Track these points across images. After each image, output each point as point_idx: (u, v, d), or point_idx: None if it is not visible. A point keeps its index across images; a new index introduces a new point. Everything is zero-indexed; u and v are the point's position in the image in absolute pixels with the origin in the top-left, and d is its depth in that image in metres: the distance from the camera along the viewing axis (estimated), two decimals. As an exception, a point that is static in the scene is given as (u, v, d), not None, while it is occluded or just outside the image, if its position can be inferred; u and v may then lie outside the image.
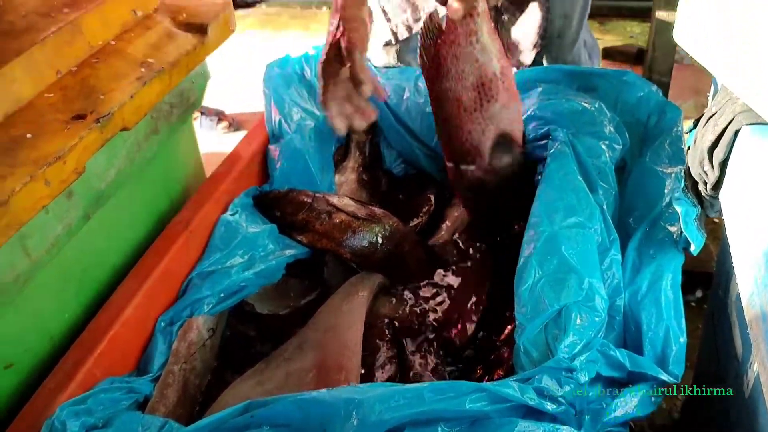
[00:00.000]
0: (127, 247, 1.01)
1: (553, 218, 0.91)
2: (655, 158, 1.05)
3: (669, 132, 1.08)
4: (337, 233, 1.14)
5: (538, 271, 0.85)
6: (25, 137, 0.75)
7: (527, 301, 0.82)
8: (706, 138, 0.79)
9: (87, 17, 0.89)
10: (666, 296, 0.85)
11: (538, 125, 1.13)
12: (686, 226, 0.84)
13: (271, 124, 1.25)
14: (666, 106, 1.13)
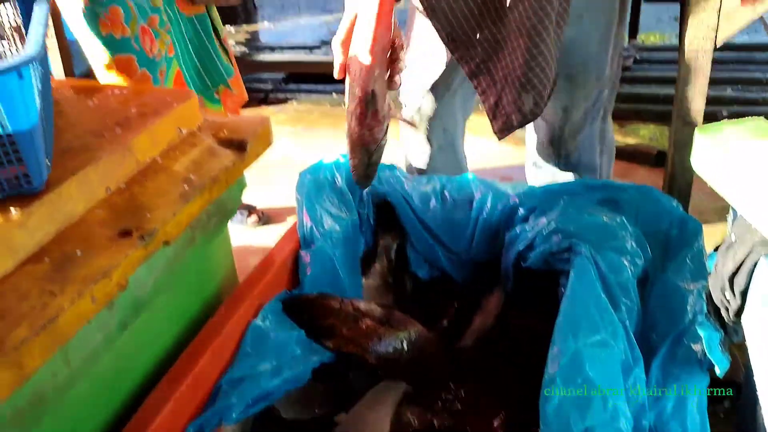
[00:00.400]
0: (160, 353, 1.04)
1: (577, 335, 0.93)
2: (678, 274, 1.07)
3: (690, 246, 1.11)
4: (363, 339, 1.16)
5: (563, 390, 0.86)
6: (76, 254, 0.80)
7: (552, 421, 0.82)
8: (726, 266, 0.81)
9: (137, 137, 0.96)
10: (692, 419, 0.85)
11: (561, 238, 1.16)
12: (710, 351, 0.85)
13: (303, 229, 1.30)
14: (687, 220, 1.15)
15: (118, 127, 0.98)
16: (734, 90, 3.10)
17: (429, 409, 1.14)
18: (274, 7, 5.68)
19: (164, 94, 1.08)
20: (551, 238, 1.17)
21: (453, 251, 1.42)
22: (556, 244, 1.16)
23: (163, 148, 1.01)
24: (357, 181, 1.23)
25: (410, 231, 1.44)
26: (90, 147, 0.93)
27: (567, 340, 0.92)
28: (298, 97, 3.62)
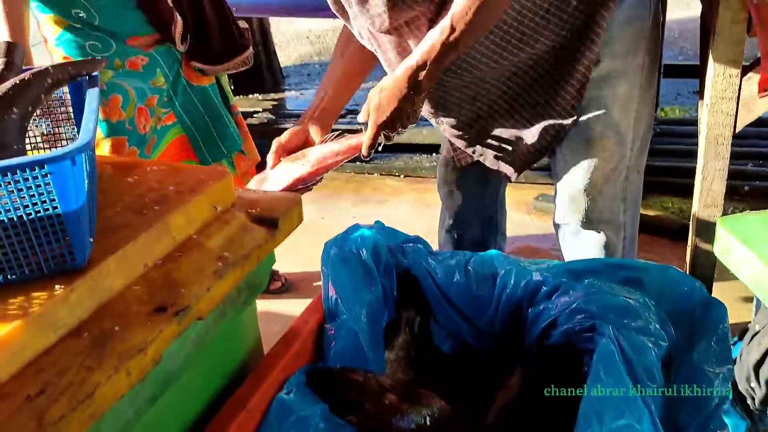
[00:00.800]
0: (187, 426, 1.05)
1: (601, 419, 0.93)
2: (703, 357, 1.06)
3: (715, 329, 1.10)
4: (386, 415, 1.17)
5: None
6: (114, 330, 0.83)
7: None
8: (751, 356, 0.82)
9: (174, 215, 1.00)
10: None
11: (584, 317, 1.17)
12: (736, 440, 0.85)
13: (328, 302, 1.32)
14: (710, 302, 1.15)
15: (156, 205, 1.02)
16: (755, 165, 3.11)
17: (451, 489, 1.13)
18: (300, 76, 5.86)
19: (200, 173, 1.13)
20: (574, 317, 1.18)
21: (476, 326, 1.42)
22: (578, 323, 1.17)
23: (198, 226, 1.05)
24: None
25: (433, 305, 1.45)
26: (130, 224, 0.97)
27: (592, 424, 0.92)
28: (322, 164, 3.70)
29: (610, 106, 1.48)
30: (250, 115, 4.51)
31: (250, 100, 5.11)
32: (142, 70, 1.86)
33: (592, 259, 1.35)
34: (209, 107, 2.05)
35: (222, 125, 2.07)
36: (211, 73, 2.03)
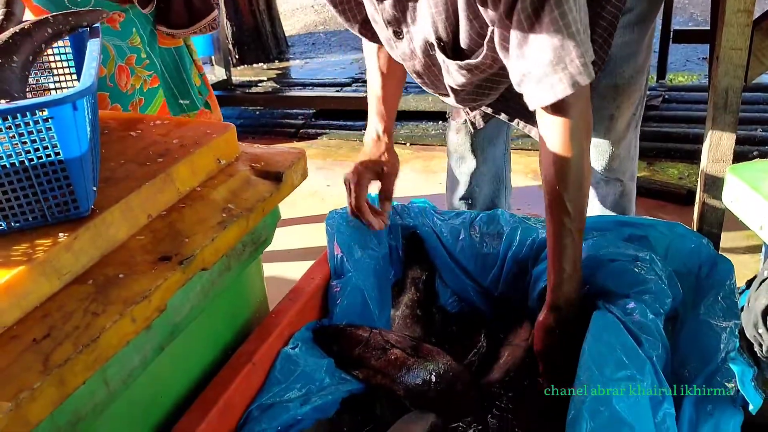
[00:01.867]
0: (193, 377, 1.06)
1: (603, 371, 0.92)
2: (710, 312, 1.05)
3: (722, 285, 1.09)
4: (392, 369, 1.17)
5: (590, 423, 0.85)
6: (118, 277, 0.83)
7: None
8: (759, 302, 0.81)
9: (178, 167, 0.99)
10: None
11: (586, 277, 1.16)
12: (743, 387, 0.84)
13: (333, 260, 1.32)
14: (717, 259, 1.14)
15: (160, 157, 1.02)
16: (765, 130, 3.08)
17: (456, 442, 1.14)
18: (305, 45, 5.81)
19: (204, 127, 1.12)
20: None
21: (481, 285, 1.42)
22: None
23: (202, 178, 1.05)
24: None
25: (439, 264, 1.45)
26: (133, 175, 0.96)
27: (593, 376, 0.91)
28: (328, 132, 3.69)
29: (639, 50, 1.46)
30: (254, 84, 4.49)
31: (255, 69, 5.08)
32: (119, 28, 1.87)
33: (599, 216, 1.34)
34: (175, 70, 2.08)
35: (185, 86, 2.11)
36: (179, 36, 2.05)
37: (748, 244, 2.23)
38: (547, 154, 1.05)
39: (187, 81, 2.12)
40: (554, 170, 1.04)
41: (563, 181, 1.03)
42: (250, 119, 4.09)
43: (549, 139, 1.05)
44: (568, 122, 1.01)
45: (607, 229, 1.28)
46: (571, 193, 1.03)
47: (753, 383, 0.84)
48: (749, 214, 0.83)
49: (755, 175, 0.83)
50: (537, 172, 2.99)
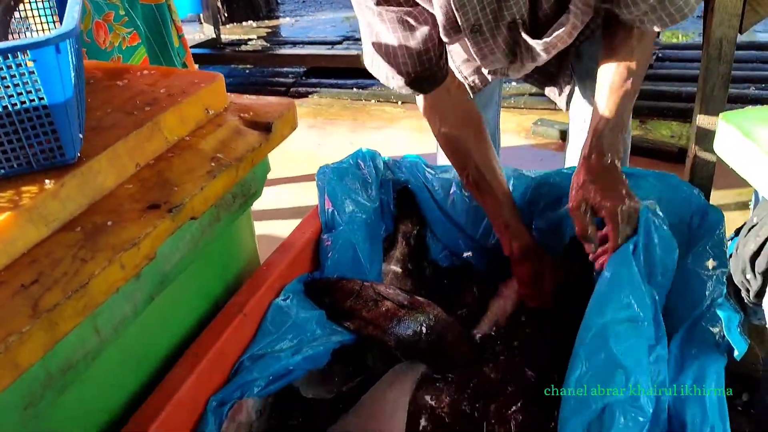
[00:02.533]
0: (183, 328, 1.06)
1: (604, 311, 0.92)
2: (698, 261, 1.06)
3: (711, 235, 1.10)
4: (383, 321, 1.18)
5: (585, 364, 0.86)
6: (106, 224, 0.82)
7: (574, 393, 0.82)
8: (747, 247, 0.82)
9: (165, 116, 0.98)
10: (710, 397, 0.85)
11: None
12: (729, 332, 0.85)
13: (325, 215, 1.31)
14: (708, 209, 1.15)
15: (147, 106, 1.00)
16: (757, 88, 3.07)
17: (447, 391, 1.15)
18: (295, 3, 5.72)
19: (192, 76, 1.10)
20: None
21: (473, 239, 1.42)
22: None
23: (191, 128, 1.03)
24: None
25: (430, 218, 1.45)
26: (120, 124, 0.95)
27: (593, 315, 0.92)
28: (319, 91, 3.65)
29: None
30: (244, 43, 4.42)
31: (244, 27, 5.00)
32: None
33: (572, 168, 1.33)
34: (155, 27, 2.05)
35: (165, 44, 2.08)
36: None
37: (738, 200, 2.24)
38: (627, 52, 1.11)
39: (167, 40, 2.09)
40: (635, 65, 1.10)
41: (639, 75, 1.10)
42: (239, 78, 4.04)
43: (638, 45, 1.11)
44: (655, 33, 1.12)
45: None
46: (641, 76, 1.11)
47: (739, 329, 0.85)
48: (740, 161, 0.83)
49: (747, 122, 0.82)
50: (528, 131, 2.98)
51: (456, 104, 1.27)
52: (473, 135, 1.27)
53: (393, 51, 1.14)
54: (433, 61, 1.16)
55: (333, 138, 3.12)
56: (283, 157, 2.87)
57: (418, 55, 1.14)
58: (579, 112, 1.63)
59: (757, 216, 0.86)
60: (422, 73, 1.17)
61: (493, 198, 1.28)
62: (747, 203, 2.20)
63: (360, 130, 3.22)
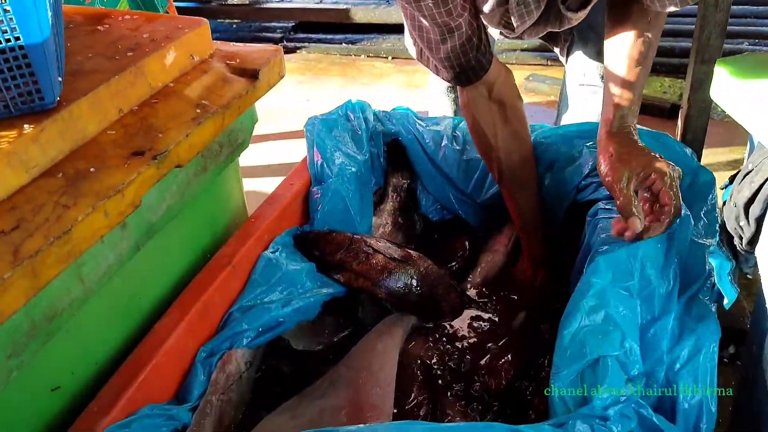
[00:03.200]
0: (170, 278, 1.05)
1: (615, 275, 0.91)
2: (696, 230, 1.03)
3: (705, 200, 1.07)
4: (374, 273, 1.17)
5: (585, 318, 0.84)
6: (89, 171, 0.80)
7: (568, 345, 0.81)
8: (742, 194, 0.81)
9: (149, 61, 0.95)
10: (703, 371, 0.85)
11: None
12: (720, 280, 0.85)
13: (314, 167, 1.29)
14: (699, 171, 1.12)
15: (130, 51, 0.97)
16: (750, 43, 3.04)
17: (437, 343, 1.15)
18: (283, -43, 5.58)
19: (176, 21, 1.07)
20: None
21: (464, 193, 1.41)
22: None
23: (175, 74, 1.00)
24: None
25: (421, 171, 1.43)
26: (101, 69, 0.92)
27: (601, 274, 0.89)
28: (307, 45, 3.58)
29: None
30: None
31: (231, -19, 4.87)
32: None
33: (585, 123, 1.32)
34: None
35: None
36: None
37: (729, 158, 2.24)
38: (644, 25, 1.05)
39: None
40: (651, 35, 1.05)
41: (653, 45, 1.06)
42: (226, 33, 3.95)
43: (653, 19, 1.06)
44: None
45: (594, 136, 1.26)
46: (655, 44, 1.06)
47: (729, 277, 0.85)
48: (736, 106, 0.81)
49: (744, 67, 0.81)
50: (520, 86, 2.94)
51: (492, 105, 1.21)
52: (506, 134, 1.22)
53: (436, 45, 1.09)
54: (476, 49, 1.11)
55: (322, 93, 3.07)
56: (271, 113, 2.84)
57: (461, 46, 1.09)
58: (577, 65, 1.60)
59: (752, 162, 0.85)
60: (467, 64, 1.12)
61: (514, 202, 1.27)
62: (739, 161, 2.20)
63: (349, 85, 3.17)
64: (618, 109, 1.03)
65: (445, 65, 1.12)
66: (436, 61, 1.13)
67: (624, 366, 0.80)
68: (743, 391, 1.10)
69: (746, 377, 1.08)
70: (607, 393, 0.75)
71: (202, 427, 0.91)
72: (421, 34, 1.08)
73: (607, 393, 0.75)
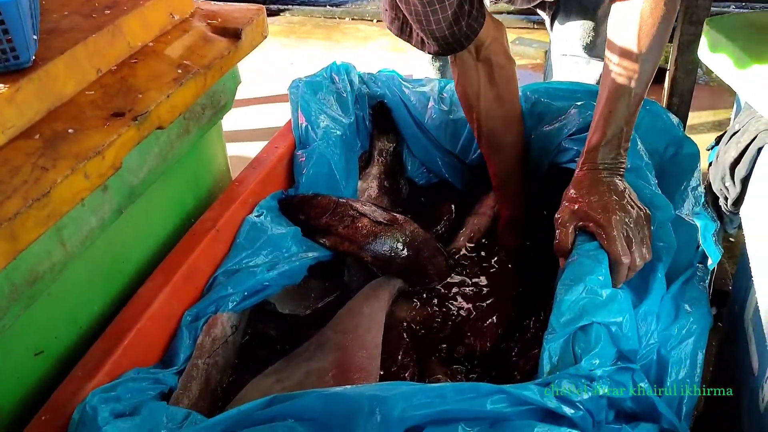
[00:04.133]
0: (154, 243, 1.04)
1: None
2: (682, 204, 1.02)
3: (691, 173, 1.05)
4: (360, 237, 1.16)
5: (586, 287, 0.83)
6: (67, 132, 0.78)
7: (566, 309, 0.81)
8: (728, 155, 0.80)
9: (127, 19, 0.92)
10: (693, 354, 0.86)
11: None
12: (704, 241, 0.85)
13: (298, 130, 1.27)
14: (684, 142, 1.10)
15: (107, 9, 0.94)
16: (737, 6, 3.04)
17: (423, 306, 1.15)
18: None
19: (155, -21, 1.04)
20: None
21: (451, 155, 1.40)
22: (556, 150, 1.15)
23: (155, 33, 0.98)
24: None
25: (407, 134, 1.42)
26: (78, 27, 0.89)
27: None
28: (290, 8, 3.52)
29: None
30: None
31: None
32: None
33: (574, 84, 1.31)
34: None
35: None
36: None
37: (713, 120, 2.24)
38: (642, 17, 0.93)
39: None
40: (649, 29, 0.93)
41: (656, 42, 0.94)
42: (208, -5, 3.88)
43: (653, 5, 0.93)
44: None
45: (581, 98, 1.25)
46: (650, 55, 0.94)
47: (714, 238, 0.85)
48: (724, 66, 0.80)
49: (733, 27, 0.80)
50: (507, 50, 2.92)
51: (479, 64, 1.17)
52: (489, 96, 1.19)
53: (426, 16, 1.04)
54: (467, 14, 1.06)
55: (306, 57, 3.03)
56: (254, 77, 2.79)
57: (453, 14, 1.04)
58: (561, 35, 1.59)
59: (739, 123, 0.84)
60: (459, 32, 1.07)
61: (490, 163, 1.25)
62: (724, 122, 2.20)
63: (334, 48, 3.12)
64: (589, 146, 0.96)
65: (436, 36, 1.07)
66: (423, 34, 1.08)
67: (617, 337, 0.80)
68: (724, 350, 1.12)
69: (727, 336, 1.10)
70: (597, 358, 0.75)
71: (188, 390, 0.91)
72: (408, 7, 1.04)
73: (597, 358, 0.75)
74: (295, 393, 0.71)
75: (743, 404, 0.89)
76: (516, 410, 0.68)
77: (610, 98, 0.93)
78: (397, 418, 0.66)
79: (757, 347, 0.85)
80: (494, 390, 0.69)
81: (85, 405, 0.74)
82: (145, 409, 0.77)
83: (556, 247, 0.91)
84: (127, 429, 0.73)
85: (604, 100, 0.94)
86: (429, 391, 0.69)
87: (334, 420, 0.68)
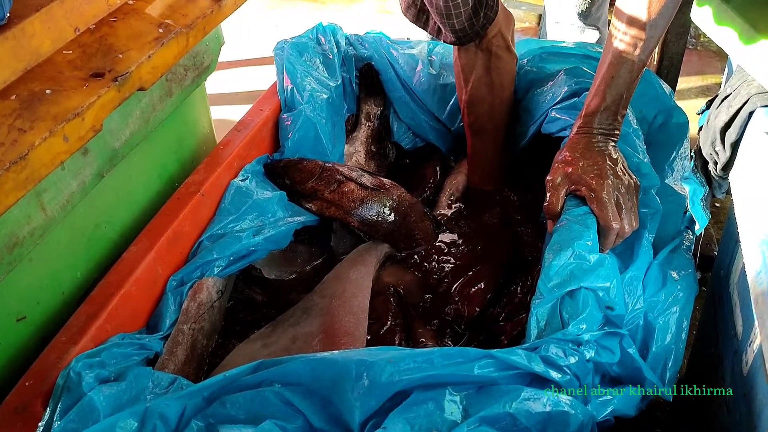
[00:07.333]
0: (137, 207, 1.02)
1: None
2: (671, 174, 1.01)
3: (680, 142, 1.05)
4: (346, 202, 1.15)
5: (574, 252, 0.83)
6: (45, 93, 0.76)
7: (554, 274, 0.80)
8: (719, 119, 0.80)
9: (106, -25, 0.89)
10: (678, 322, 0.86)
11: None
12: (693, 206, 0.85)
13: (284, 93, 1.25)
14: (674, 111, 1.10)
15: (85, -35, 0.91)
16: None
17: (410, 270, 1.15)
18: None
19: (134, -66, 1.00)
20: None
21: (438, 120, 1.38)
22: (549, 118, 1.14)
23: (134, -9, 0.95)
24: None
25: (394, 98, 1.40)
26: (55, -16, 0.86)
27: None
28: (275, -31, 3.44)
29: None
30: None
31: None
32: None
33: (564, 49, 1.28)
34: None
35: None
36: None
37: (702, 85, 2.24)
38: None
39: None
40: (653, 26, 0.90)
41: (666, 9, 0.89)
42: (190, -46, 3.78)
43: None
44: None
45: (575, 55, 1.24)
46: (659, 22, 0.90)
47: (702, 203, 0.85)
48: (717, 28, 0.79)
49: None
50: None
51: (479, 51, 1.16)
52: (480, 83, 1.19)
53: (447, 10, 1.05)
54: (485, 6, 1.07)
55: (291, 19, 2.97)
56: (239, 39, 2.73)
57: (473, 8, 1.05)
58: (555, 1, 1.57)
59: (730, 87, 0.83)
60: (477, 23, 1.08)
61: (469, 141, 1.26)
62: (712, 87, 2.19)
63: (319, 11, 3.06)
64: (587, 111, 0.94)
65: (456, 29, 1.09)
66: (443, 26, 1.09)
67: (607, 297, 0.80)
68: (708, 314, 1.13)
69: (712, 300, 1.11)
70: (585, 323, 0.76)
71: (174, 355, 0.90)
72: (430, 0, 1.05)
73: (584, 323, 0.75)
74: (283, 358, 0.71)
75: (726, 367, 0.90)
76: (503, 375, 0.68)
77: (614, 63, 0.91)
78: (385, 383, 0.66)
79: (742, 311, 0.85)
80: (482, 355, 0.69)
81: (69, 371, 0.73)
82: (130, 374, 0.76)
83: (546, 209, 0.91)
84: (113, 395, 0.72)
85: (606, 65, 0.93)
86: (417, 355, 0.68)
87: (321, 385, 0.68)
